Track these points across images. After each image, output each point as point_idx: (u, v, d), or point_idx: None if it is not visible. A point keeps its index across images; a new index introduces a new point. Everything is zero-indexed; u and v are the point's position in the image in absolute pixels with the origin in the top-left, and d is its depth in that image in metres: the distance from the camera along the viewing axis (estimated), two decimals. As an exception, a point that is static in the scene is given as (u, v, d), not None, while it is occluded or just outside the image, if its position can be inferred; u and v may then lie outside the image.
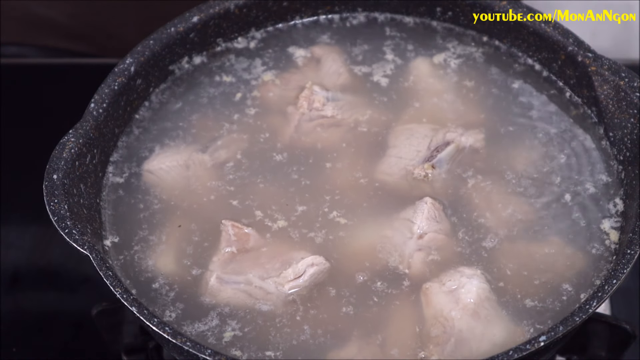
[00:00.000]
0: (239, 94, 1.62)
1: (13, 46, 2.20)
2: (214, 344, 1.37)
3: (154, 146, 1.57)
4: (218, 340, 1.38)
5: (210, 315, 1.40)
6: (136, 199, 1.51)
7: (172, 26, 1.60)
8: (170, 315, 1.40)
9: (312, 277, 1.40)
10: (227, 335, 1.38)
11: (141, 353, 1.66)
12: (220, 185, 1.52)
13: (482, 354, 1.34)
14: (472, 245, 1.45)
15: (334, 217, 1.48)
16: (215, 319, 1.40)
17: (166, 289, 1.42)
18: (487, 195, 1.50)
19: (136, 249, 1.46)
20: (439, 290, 1.38)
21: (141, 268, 1.45)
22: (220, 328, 1.39)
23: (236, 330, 1.38)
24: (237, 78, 1.64)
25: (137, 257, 1.46)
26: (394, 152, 1.53)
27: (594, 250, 1.45)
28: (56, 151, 1.42)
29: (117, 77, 1.53)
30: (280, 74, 1.64)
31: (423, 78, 1.63)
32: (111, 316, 1.59)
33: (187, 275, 1.44)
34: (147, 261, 1.45)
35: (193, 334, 1.38)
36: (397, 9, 1.69)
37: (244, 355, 1.36)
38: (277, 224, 1.48)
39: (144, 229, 1.48)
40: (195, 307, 1.41)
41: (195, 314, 1.40)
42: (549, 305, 1.40)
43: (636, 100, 1.48)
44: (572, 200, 1.49)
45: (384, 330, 1.38)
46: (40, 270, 1.81)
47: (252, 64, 1.66)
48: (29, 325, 1.75)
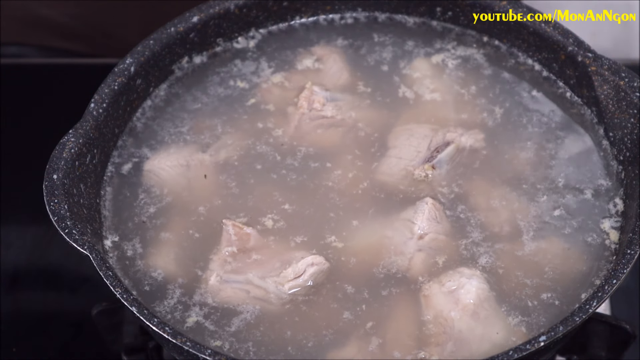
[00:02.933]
0: (240, 94, 1.62)
1: (13, 46, 2.20)
2: (214, 344, 1.37)
3: (154, 146, 1.57)
4: (218, 340, 1.38)
5: (210, 315, 1.40)
6: (136, 198, 1.51)
7: (172, 26, 1.60)
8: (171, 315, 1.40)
9: (312, 277, 1.40)
10: (227, 335, 1.38)
11: (141, 353, 1.66)
12: (220, 185, 1.52)
13: (482, 354, 1.34)
14: (471, 246, 1.45)
15: (334, 217, 1.48)
16: (215, 318, 1.40)
17: (166, 289, 1.43)
18: (487, 196, 1.50)
19: (136, 248, 1.46)
20: (438, 291, 1.38)
21: (141, 268, 1.45)
22: (220, 327, 1.39)
23: (236, 330, 1.38)
24: (237, 78, 1.64)
25: (138, 257, 1.46)
26: (394, 152, 1.53)
27: (594, 250, 1.45)
28: (56, 151, 1.42)
29: (117, 77, 1.53)
30: (280, 74, 1.64)
31: (423, 78, 1.63)
32: (111, 316, 1.59)
33: (188, 274, 1.44)
34: (147, 261, 1.45)
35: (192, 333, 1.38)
36: (397, 9, 1.69)
37: (244, 355, 1.36)
38: (277, 224, 1.48)
39: (144, 228, 1.48)
40: (195, 307, 1.41)
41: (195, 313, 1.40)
42: (548, 305, 1.40)
43: (636, 100, 1.48)
44: (572, 200, 1.49)
45: (384, 330, 1.38)
46: (40, 270, 1.81)
47: (252, 64, 1.66)
48: (29, 325, 1.75)
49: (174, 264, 1.45)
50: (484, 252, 1.44)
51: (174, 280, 1.43)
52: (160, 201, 1.51)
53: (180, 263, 1.45)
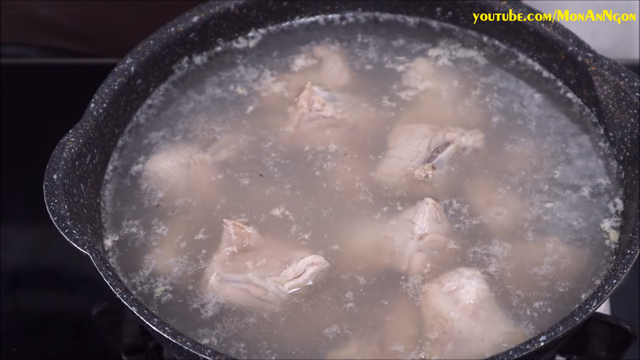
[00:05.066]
0: (240, 94, 1.62)
1: (13, 46, 2.20)
2: (214, 343, 1.37)
3: (154, 146, 1.57)
4: (217, 339, 1.38)
5: (210, 315, 1.40)
6: (137, 198, 1.51)
7: (172, 26, 1.60)
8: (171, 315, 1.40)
9: (312, 277, 1.40)
10: (227, 335, 1.38)
11: (141, 353, 1.66)
12: (221, 185, 1.52)
13: (482, 354, 1.34)
14: (471, 246, 1.45)
15: (334, 217, 1.48)
16: (215, 318, 1.40)
17: (167, 289, 1.43)
18: (487, 196, 1.50)
19: (137, 248, 1.46)
20: (438, 291, 1.38)
21: (142, 268, 1.45)
22: (219, 327, 1.39)
23: (236, 330, 1.38)
24: (238, 78, 1.64)
25: (138, 257, 1.46)
26: (394, 152, 1.53)
27: (594, 250, 1.45)
28: (56, 151, 1.42)
29: (117, 77, 1.53)
30: (280, 74, 1.64)
31: (423, 78, 1.63)
32: (111, 316, 1.59)
33: (188, 274, 1.44)
34: (147, 261, 1.45)
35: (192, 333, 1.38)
36: (397, 9, 1.69)
37: (244, 354, 1.36)
38: (277, 224, 1.48)
39: (144, 228, 1.48)
40: (195, 307, 1.41)
41: (196, 313, 1.40)
42: (548, 305, 1.40)
43: (636, 100, 1.48)
44: (572, 200, 1.49)
45: (384, 330, 1.38)
46: (40, 270, 1.81)
47: (252, 64, 1.66)
48: (29, 325, 1.75)
49: (174, 264, 1.45)
50: (484, 253, 1.44)
51: (174, 279, 1.43)
52: (161, 201, 1.51)
53: (181, 263, 1.45)
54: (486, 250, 1.45)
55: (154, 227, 1.48)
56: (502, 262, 1.44)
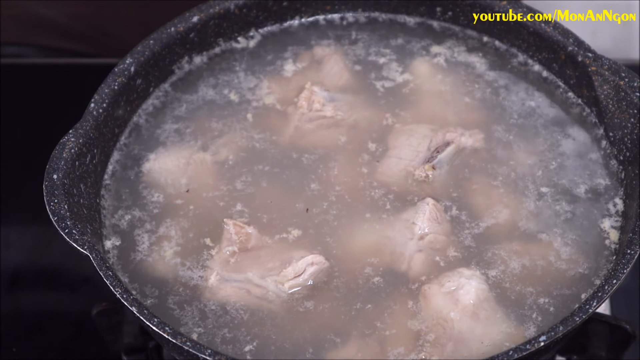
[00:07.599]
0: (239, 94, 1.62)
1: (13, 46, 2.20)
2: (213, 343, 1.37)
3: (154, 146, 1.57)
4: (217, 338, 1.38)
5: (210, 314, 1.40)
6: (137, 198, 1.51)
7: (172, 26, 1.60)
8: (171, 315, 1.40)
9: (312, 276, 1.40)
10: (226, 334, 1.38)
11: (141, 353, 1.66)
12: (221, 185, 1.52)
13: (482, 354, 1.34)
14: (471, 246, 1.45)
15: (334, 217, 1.48)
16: (215, 317, 1.40)
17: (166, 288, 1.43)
18: (487, 196, 1.50)
19: (137, 248, 1.46)
20: (438, 292, 1.38)
21: (142, 267, 1.45)
22: (219, 327, 1.39)
23: (236, 329, 1.38)
24: (238, 78, 1.64)
25: (138, 257, 1.46)
26: (394, 152, 1.53)
27: (594, 250, 1.45)
28: (56, 151, 1.42)
29: (117, 77, 1.53)
30: (280, 74, 1.64)
31: (423, 78, 1.63)
32: (111, 316, 1.59)
33: (188, 274, 1.44)
34: (147, 260, 1.45)
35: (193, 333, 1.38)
36: (397, 9, 1.69)
37: (244, 354, 1.36)
38: (277, 224, 1.48)
39: (144, 228, 1.48)
40: (195, 306, 1.41)
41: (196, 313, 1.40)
42: (548, 305, 1.40)
43: (636, 100, 1.48)
44: (572, 200, 1.49)
45: (384, 330, 1.38)
46: (40, 270, 1.81)
47: (253, 64, 1.66)
48: (29, 325, 1.75)
49: (174, 263, 1.45)
50: (483, 253, 1.44)
51: (174, 279, 1.43)
52: (161, 200, 1.51)
53: (181, 262, 1.45)
54: (486, 250, 1.45)
55: (154, 227, 1.48)
56: (502, 261, 1.44)
